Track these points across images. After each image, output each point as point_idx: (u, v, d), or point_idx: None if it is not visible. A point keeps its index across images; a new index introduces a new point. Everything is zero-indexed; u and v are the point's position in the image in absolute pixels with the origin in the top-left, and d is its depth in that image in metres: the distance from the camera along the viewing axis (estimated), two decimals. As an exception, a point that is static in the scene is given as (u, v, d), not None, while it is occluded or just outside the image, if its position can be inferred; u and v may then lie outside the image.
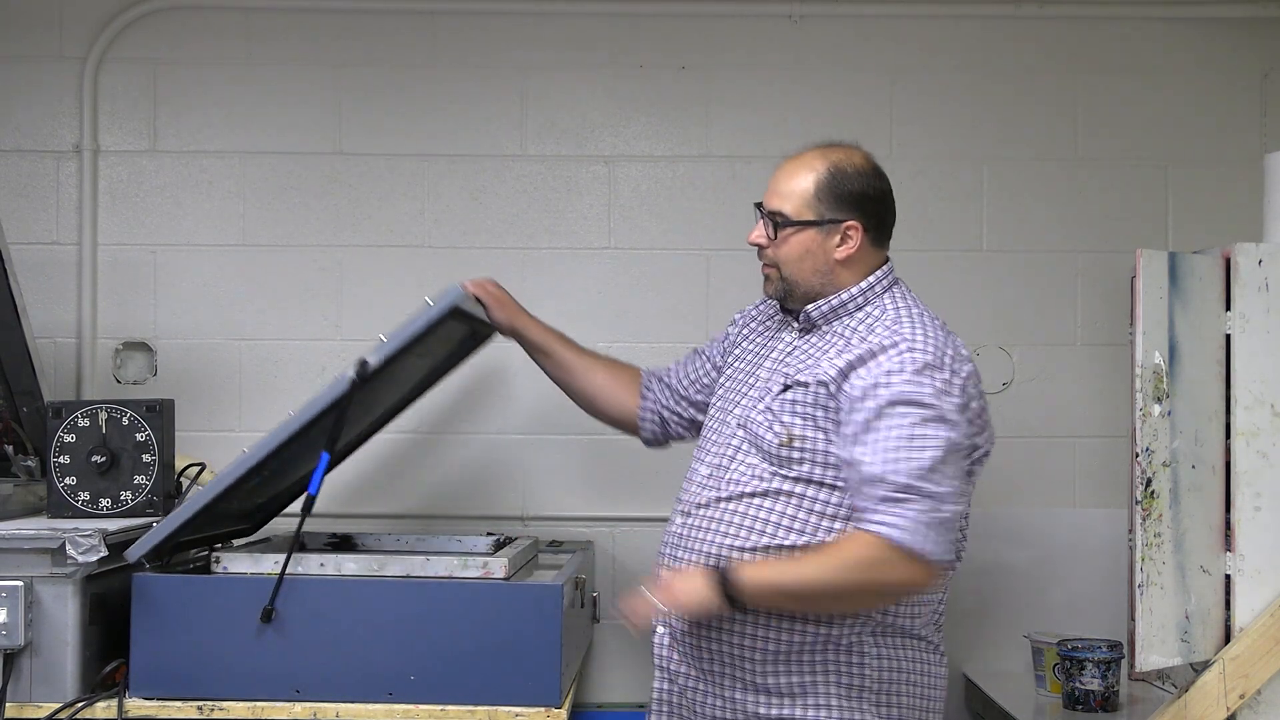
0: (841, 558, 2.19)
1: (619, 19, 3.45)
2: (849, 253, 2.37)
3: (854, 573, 2.18)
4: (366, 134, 3.44)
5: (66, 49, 3.43)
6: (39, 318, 3.25)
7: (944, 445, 2.19)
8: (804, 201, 2.36)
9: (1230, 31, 3.46)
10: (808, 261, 2.37)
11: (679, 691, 2.38)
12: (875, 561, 2.16)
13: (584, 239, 3.45)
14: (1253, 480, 2.57)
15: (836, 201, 2.36)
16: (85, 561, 2.35)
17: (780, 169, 2.43)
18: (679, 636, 2.36)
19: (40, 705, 2.37)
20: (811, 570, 2.21)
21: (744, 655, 2.29)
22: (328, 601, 2.40)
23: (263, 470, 2.48)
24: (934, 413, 2.20)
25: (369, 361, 2.38)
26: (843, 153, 2.40)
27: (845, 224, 2.36)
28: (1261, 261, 2.58)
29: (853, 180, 2.37)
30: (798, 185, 2.37)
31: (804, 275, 2.38)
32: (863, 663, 2.27)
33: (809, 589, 2.21)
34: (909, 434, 2.19)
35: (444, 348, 2.85)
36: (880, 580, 2.18)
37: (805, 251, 2.37)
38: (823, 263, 2.37)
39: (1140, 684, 3.08)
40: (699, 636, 2.33)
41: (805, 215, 2.36)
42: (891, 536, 2.15)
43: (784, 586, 2.22)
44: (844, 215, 2.36)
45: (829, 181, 2.36)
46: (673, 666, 2.39)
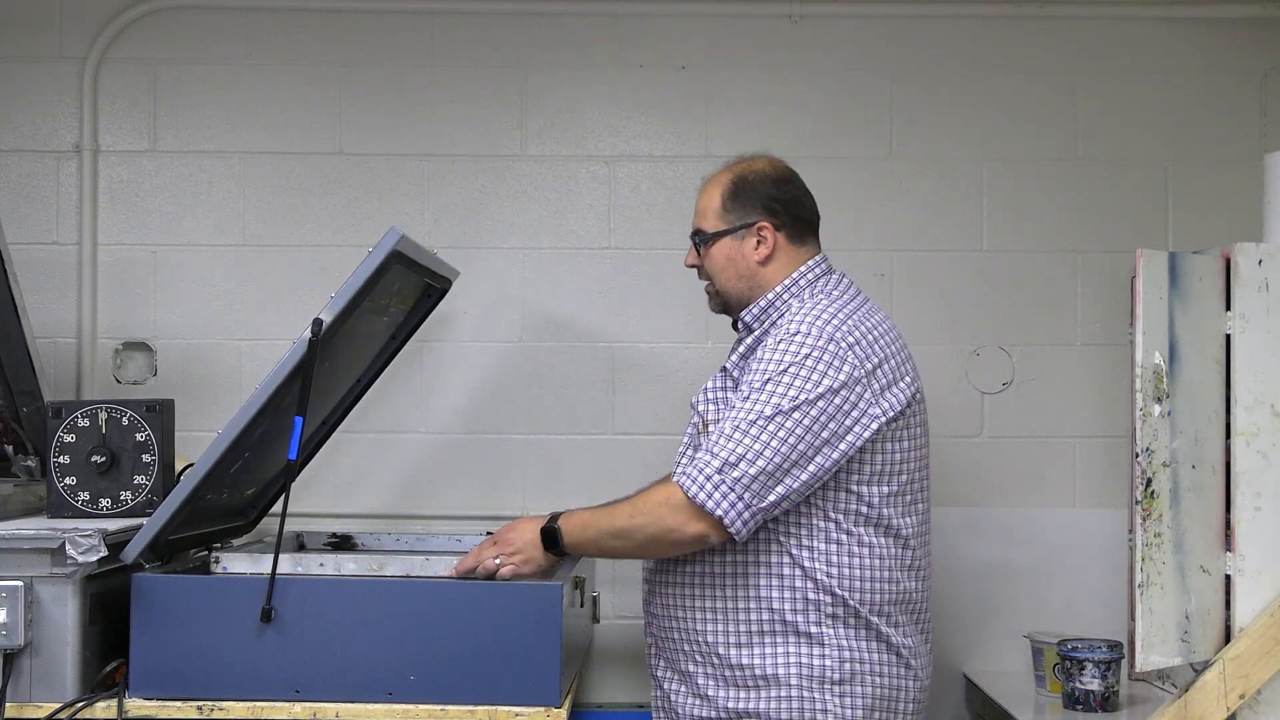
0: (641, 501, 2.35)
1: (619, 19, 3.46)
2: (767, 253, 2.50)
3: (645, 516, 2.32)
4: (366, 134, 3.44)
5: (66, 49, 3.43)
6: (39, 318, 3.25)
7: (771, 408, 2.28)
8: (715, 214, 2.53)
9: (1230, 31, 3.46)
10: (731, 268, 2.52)
11: (665, 695, 2.49)
12: (663, 506, 2.30)
13: (584, 239, 3.45)
14: (1253, 480, 2.57)
15: (743, 207, 2.51)
16: (85, 561, 2.35)
17: (698, 194, 2.59)
18: (661, 643, 2.47)
19: (40, 705, 2.37)
20: (618, 513, 2.37)
21: (712, 648, 2.38)
22: (328, 601, 2.40)
23: (242, 450, 2.47)
24: (774, 374, 2.31)
25: (323, 319, 2.39)
26: (746, 163, 2.56)
27: (756, 225, 2.50)
28: (1261, 261, 2.58)
29: (755, 185, 2.52)
30: (709, 202, 2.54)
31: (731, 282, 2.53)
32: (823, 653, 2.35)
33: (611, 529, 2.37)
34: (745, 396, 2.32)
35: (402, 304, 2.87)
36: (663, 525, 2.30)
37: (727, 259, 2.52)
38: (745, 267, 2.51)
39: (1140, 684, 3.08)
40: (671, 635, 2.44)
41: (719, 226, 2.53)
42: (682, 485, 2.29)
43: (591, 524, 2.39)
44: (753, 218, 2.51)
45: (733, 190, 2.52)
46: (659, 674, 2.50)
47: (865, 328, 2.40)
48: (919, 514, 2.47)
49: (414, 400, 3.41)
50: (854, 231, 3.39)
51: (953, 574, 3.35)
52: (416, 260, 2.65)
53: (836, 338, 2.34)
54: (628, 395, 3.41)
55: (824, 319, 2.37)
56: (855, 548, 2.37)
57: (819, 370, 2.31)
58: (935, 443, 3.34)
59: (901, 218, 3.44)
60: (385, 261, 2.45)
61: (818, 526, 2.37)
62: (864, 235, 3.41)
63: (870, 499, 2.38)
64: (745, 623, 2.37)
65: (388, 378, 3.13)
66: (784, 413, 2.28)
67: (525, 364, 3.42)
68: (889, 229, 3.44)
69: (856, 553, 2.37)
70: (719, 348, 3.42)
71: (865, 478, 2.38)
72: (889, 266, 3.42)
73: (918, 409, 2.46)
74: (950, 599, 3.35)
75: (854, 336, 2.36)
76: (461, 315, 3.40)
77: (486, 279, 3.41)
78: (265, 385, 2.39)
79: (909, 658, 2.43)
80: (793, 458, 2.28)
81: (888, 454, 2.39)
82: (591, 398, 3.41)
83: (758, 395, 2.31)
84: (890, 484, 2.40)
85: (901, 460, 2.41)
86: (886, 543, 2.39)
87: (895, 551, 2.41)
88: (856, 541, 2.37)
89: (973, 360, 3.42)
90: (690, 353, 3.41)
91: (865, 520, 2.38)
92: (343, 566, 2.51)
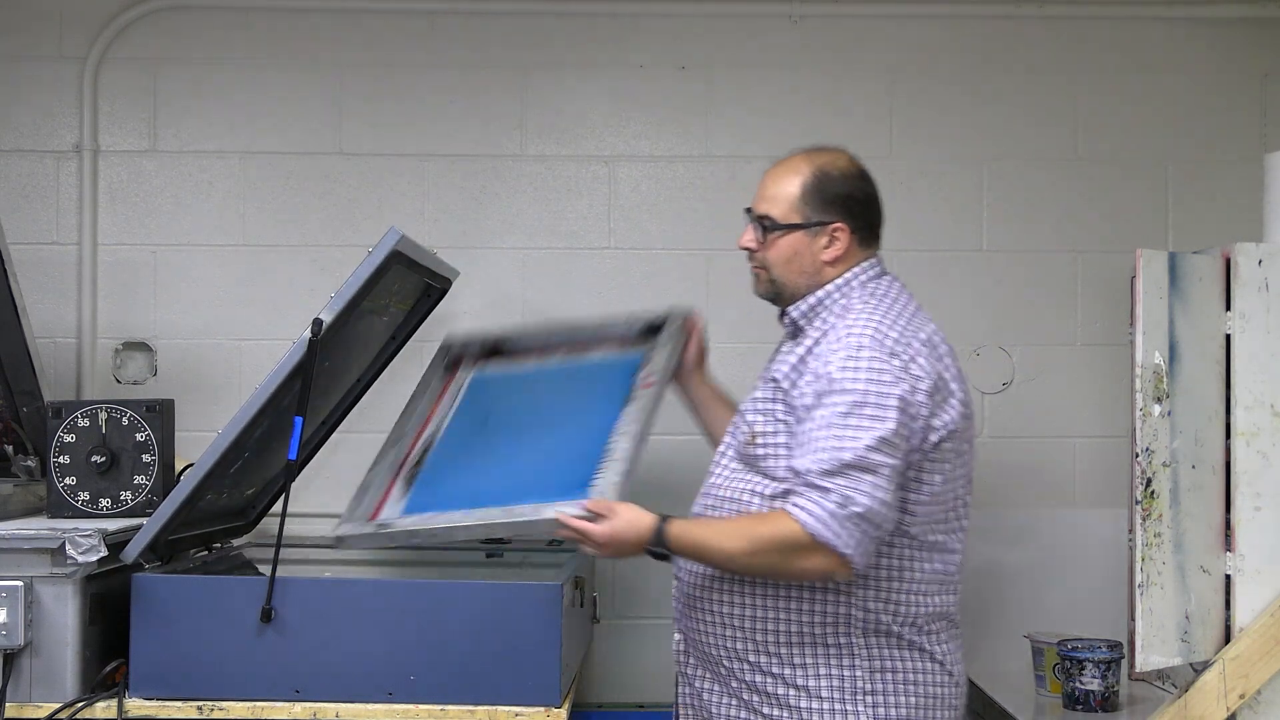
0: (759, 533, 2.23)
1: (619, 19, 3.46)
2: (836, 254, 2.40)
3: (765, 554, 2.22)
4: (366, 134, 3.44)
5: (66, 49, 3.43)
6: (39, 318, 3.25)
7: (871, 437, 2.18)
8: (790, 205, 2.40)
9: (1230, 31, 3.46)
10: (795, 263, 2.41)
11: (694, 694, 2.41)
12: (786, 545, 2.19)
13: (584, 239, 3.45)
14: (1253, 480, 2.57)
15: (822, 204, 2.39)
16: (85, 561, 2.35)
17: (768, 173, 2.46)
18: (692, 639, 2.40)
19: (40, 705, 2.37)
20: (731, 541, 2.25)
21: (746, 648, 2.32)
22: (328, 601, 2.40)
23: (242, 450, 2.47)
24: (861, 400, 2.21)
25: (323, 319, 2.39)
26: (828, 156, 2.44)
27: (831, 226, 2.39)
28: (1261, 261, 2.58)
29: (838, 183, 2.40)
30: (784, 189, 2.41)
31: (792, 277, 2.42)
32: (854, 663, 2.29)
33: (724, 558, 2.27)
34: (835, 423, 2.21)
35: (402, 304, 2.87)
36: (787, 565, 2.21)
37: (793, 254, 2.41)
38: (810, 264, 2.41)
39: (1140, 684, 3.08)
40: (706, 634, 2.36)
41: (792, 219, 2.40)
42: (805, 524, 2.17)
43: (703, 548, 2.28)
44: (830, 218, 2.39)
45: (814, 185, 2.40)
46: (689, 670, 2.42)
47: (921, 338, 2.31)
48: (964, 529, 2.39)
49: (414, 400, 3.41)
50: (854, 231, 3.39)
51: (953, 574, 3.35)
52: (416, 260, 2.65)
53: (897, 351, 2.25)
54: (628, 395, 3.41)
55: (884, 329, 2.28)
56: (896, 563, 2.29)
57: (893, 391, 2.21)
58: (935, 443, 3.35)
59: (901, 218, 3.42)
60: (385, 261, 2.45)
61: None
62: (864, 235, 3.41)
63: (918, 517, 2.29)
64: (777, 634, 2.30)
65: (388, 378, 3.12)
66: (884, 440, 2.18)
67: (525, 364, 3.41)
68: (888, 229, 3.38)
69: (898, 568, 2.29)
70: (719, 348, 3.40)
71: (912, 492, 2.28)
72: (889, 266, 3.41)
73: (968, 424, 2.37)
74: (950, 599, 3.35)
75: (913, 348, 2.28)
76: (461, 315, 3.40)
77: (486, 279, 3.41)
78: (265, 385, 2.40)
79: (949, 665, 2.35)
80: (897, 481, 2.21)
81: (942, 471, 2.30)
82: (591, 398, 3.41)
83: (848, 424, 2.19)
84: (939, 503, 2.31)
85: (951, 476, 2.32)
86: (931, 559, 2.32)
87: (939, 568, 2.33)
88: (898, 557, 2.29)
89: (973, 360, 3.42)
90: (690, 353, 3.41)
91: (910, 538, 2.30)
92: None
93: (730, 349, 3.37)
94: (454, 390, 2.91)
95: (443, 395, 2.91)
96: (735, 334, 3.38)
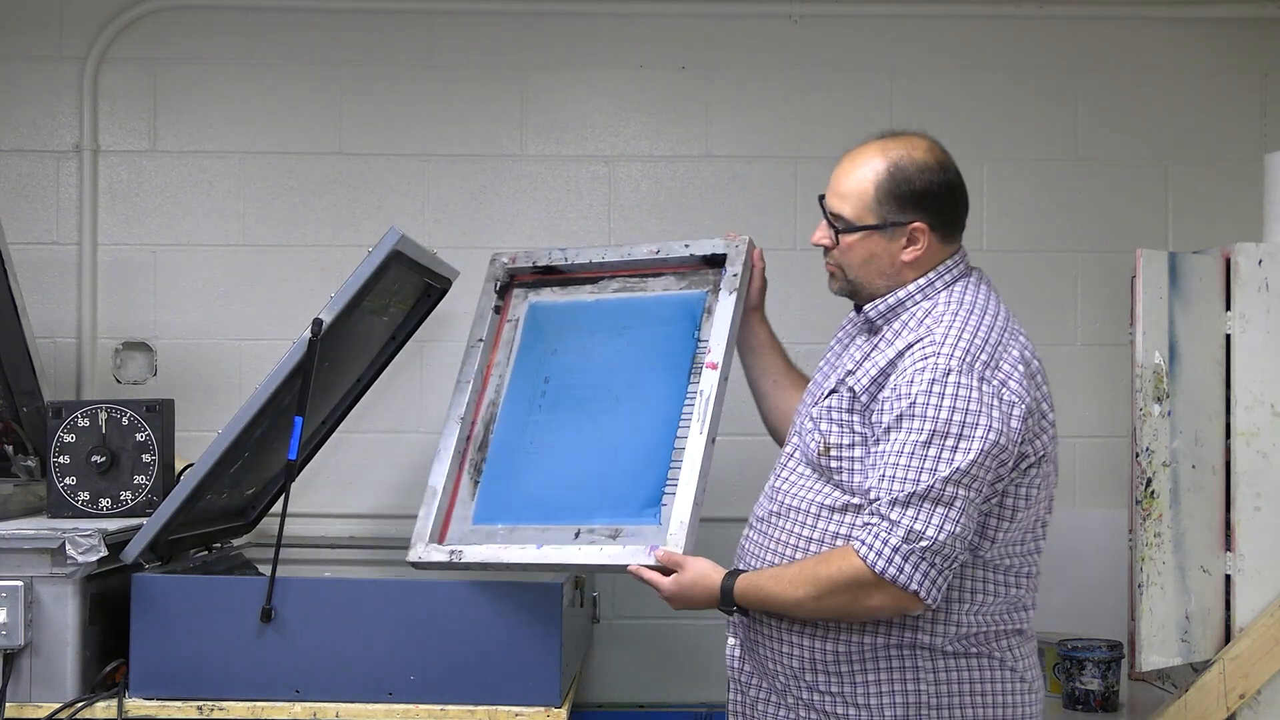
0: (824, 575, 2.11)
1: (619, 19, 3.45)
2: (916, 254, 2.21)
3: (832, 596, 2.10)
4: (366, 134, 3.44)
5: (66, 49, 3.43)
6: (39, 318, 3.25)
7: (949, 468, 2.04)
8: (864, 205, 2.21)
9: (1230, 31, 3.46)
10: (873, 265, 2.23)
11: (749, 703, 2.31)
12: (851, 584, 2.08)
13: (584, 239, 3.44)
14: (1253, 480, 2.57)
15: (899, 203, 2.19)
16: (85, 561, 2.35)
17: (840, 165, 2.27)
18: (748, 647, 2.30)
19: (40, 705, 2.37)
20: (797, 589, 2.14)
21: (803, 667, 2.21)
22: (328, 601, 2.40)
23: (242, 450, 2.47)
24: (944, 429, 2.06)
25: (323, 319, 2.39)
26: (904, 147, 2.22)
27: (910, 226, 2.20)
28: (1261, 261, 2.58)
29: (914, 178, 2.20)
30: (857, 186, 2.22)
31: (870, 278, 2.25)
32: (917, 678, 2.16)
33: (793, 605, 2.15)
34: (912, 451, 2.06)
35: (402, 304, 2.87)
36: (857, 605, 2.10)
37: (870, 256, 2.23)
38: (889, 265, 2.23)
39: (1140, 684, 3.08)
40: (763, 647, 2.27)
41: (867, 219, 2.21)
42: (868, 560, 2.06)
43: (770, 599, 2.18)
44: (908, 217, 2.20)
45: (890, 181, 2.20)
46: (743, 678, 2.32)
47: (1014, 355, 2.14)
48: (1040, 552, 2.24)
49: (414, 400, 3.41)
50: (854, 231, 3.39)
51: (953, 574, 3.35)
52: (416, 260, 2.64)
53: (987, 376, 2.09)
54: (628, 395, 3.41)
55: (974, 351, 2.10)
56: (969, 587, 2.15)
57: (981, 418, 2.06)
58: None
59: (901, 218, 3.44)
60: (385, 261, 2.45)
61: None
62: (864, 235, 3.41)
63: (995, 541, 2.15)
64: (835, 653, 2.18)
65: (388, 378, 3.12)
66: (962, 472, 2.04)
67: (525, 364, 3.41)
68: (889, 229, 3.43)
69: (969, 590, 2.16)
70: (719, 348, 3.42)
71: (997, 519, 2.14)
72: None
73: (1055, 447, 2.20)
74: (950, 599, 3.35)
75: (1005, 370, 2.11)
76: (461, 315, 3.39)
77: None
78: (265, 385, 2.40)
79: (1022, 671, 2.21)
80: (973, 514, 2.07)
81: (1020, 496, 2.15)
82: (591, 398, 3.41)
83: (926, 453, 2.05)
84: (1021, 526, 2.17)
85: (1033, 500, 2.17)
86: (1004, 580, 2.18)
87: (1013, 593, 2.19)
88: (970, 582, 2.15)
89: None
90: (690, 353, 3.40)
91: (984, 564, 2.16)
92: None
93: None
94: (510, 330, 2.76)
95: (499, 337, 2.75)
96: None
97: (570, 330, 2.69)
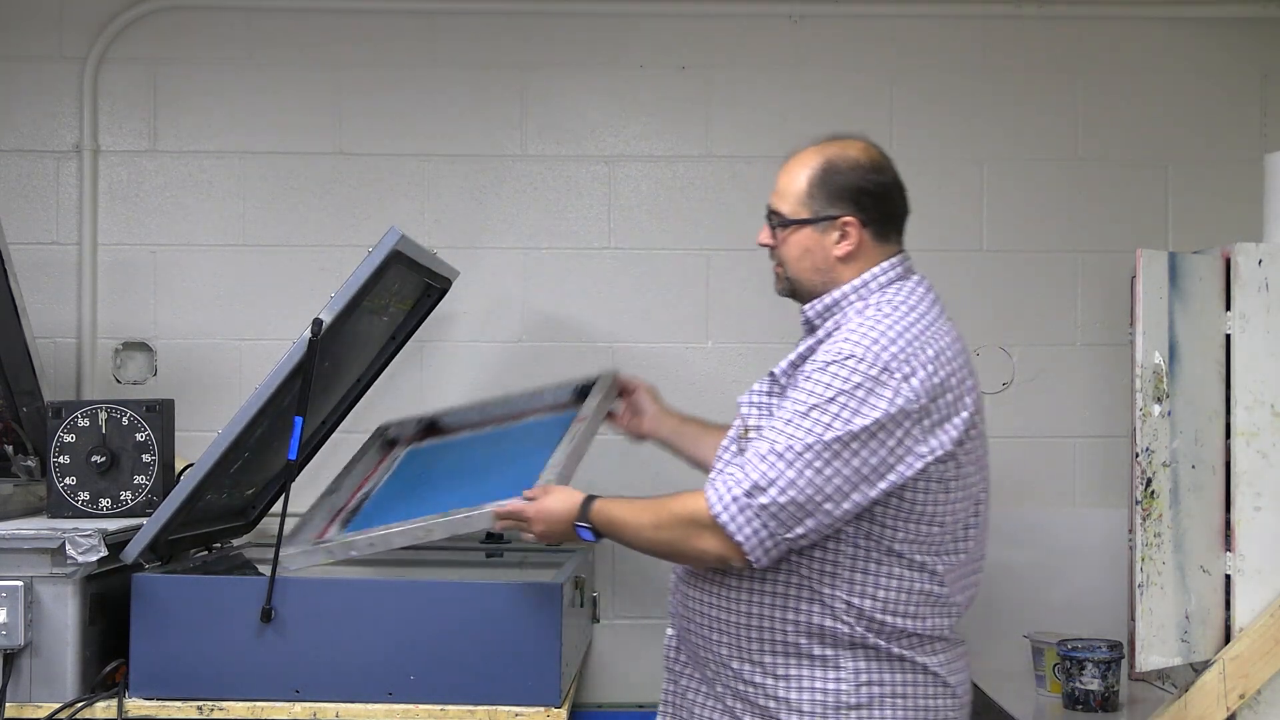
0: (666, 509, 2.23)
1: (619, 19, 3.46)
2: (848, 249, 2.29)
3: (669, 528, 2.21)
4: (366, 134, 3.44)
5: (66, 49, 3.43)
6: (39, 318, 3.25)
7: (813, 438, 2.11)
8: (798, 199, 2.31)
9: (1230, 31, 3.46)
10: (807, 260, 2.32)
11: (679, 692, 2.37)
12: (688, 520, 2.18)
13: (584, 239, 3.45)
14: (1253, 480, 2.57)
15: (829, 196, 2.29)
16: (85, 561, 2.35)
17: (782, 167, 2.38)
18: (684, 637, 2.36)
19: (40, 705, 2.38)
20: (643, 515, 2.26)
21: (732, 655, 2.27)
22: (328, 601, 2.40)
23: (242, 450, 2.47)
24: (826, 402, 2.13)
25: (323, 319, 2.39)
26: (839, 146, 2.33)
27: (841, 219, 2.28)
28: (1261, 261, 2.58)
29: (846, 173, 2.29)
30: (793, 183, 2.33)
31: (805, 274, 2.33)
32: (839, 677, 2.20)
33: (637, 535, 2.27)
34: (786, 418, 2.15)
35: (402, 304, 2.87)
36: (686, 541, 2.20)
37: (804, 250, 2.32)
38: (822, 260, 2.31)
39: (1140, 684, 3.08)
40: (696, 635, 2.32)
41: (800, 214, 2.31)
42: (709, 501, 2.15)
43: (618, 523, 2.29)
44: (838, 210, 2.29)
45: (821, 176, 2.30)
46: (677, 667, 2.38)
47: (927, 355, 2.18)
48: (962, 553, 2.25)
49: (414, 400, 3.40)
50: (854, 231, 3.40)
51: (953, 574, 3.35)
52: (416, 260, 2.65)
53: (891, 367, 2.14)
54: (628, 395, 3.41)
55: (882, 343, 2.16)
56: (882, 580, 2.20)
57: (868, 403, 2.12)
58: (935, 443, 3.34)
59: (901, 218, 3.44)
60: (385, 261, 2.46)
61: (844, 554, 2.19)
62: (864, 235, 3.41)
63: (905, 536, 2.19)
64: (761, 642, 2.23)
65: (388, 378, 3.13)
66: (825, 445, 2.11)
67: (525, 364, 3.42)
68: (889, 229, 3.43)
69: (884, 585, 2.20)
70: (719, 348, 3.42)
71: (902, 515, 2.18)
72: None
73: (974, 445, 2.23)
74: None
75: (911, 365, 2.15)
76: (461, 315, 3.40)
77: (486, 279, 3.41)
78: (265, 385, 2.40)
79: (945, 675, 2.25)
80: (827, 491, 2.11)
81: (931, 493, 2.18)
82: (591, 398, 3.41)
83: (800, 422, 2.13)
84: (930, 524, 2.20)
85: (946, 502, 2.20)
86: (919, 577, 2.21)
87: (926, 588, 2.22)
88: (885, 574, 2.20)
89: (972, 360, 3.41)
90: (691, 353, 3.41)
91: (896, 556, 2.20)
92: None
93: (730, 349, 3.38)
94: (389, 463, 2.98)
95: (377, 467, 2.97)
96: (735, 334, 3.39)
97: (449, 453, 2.92)
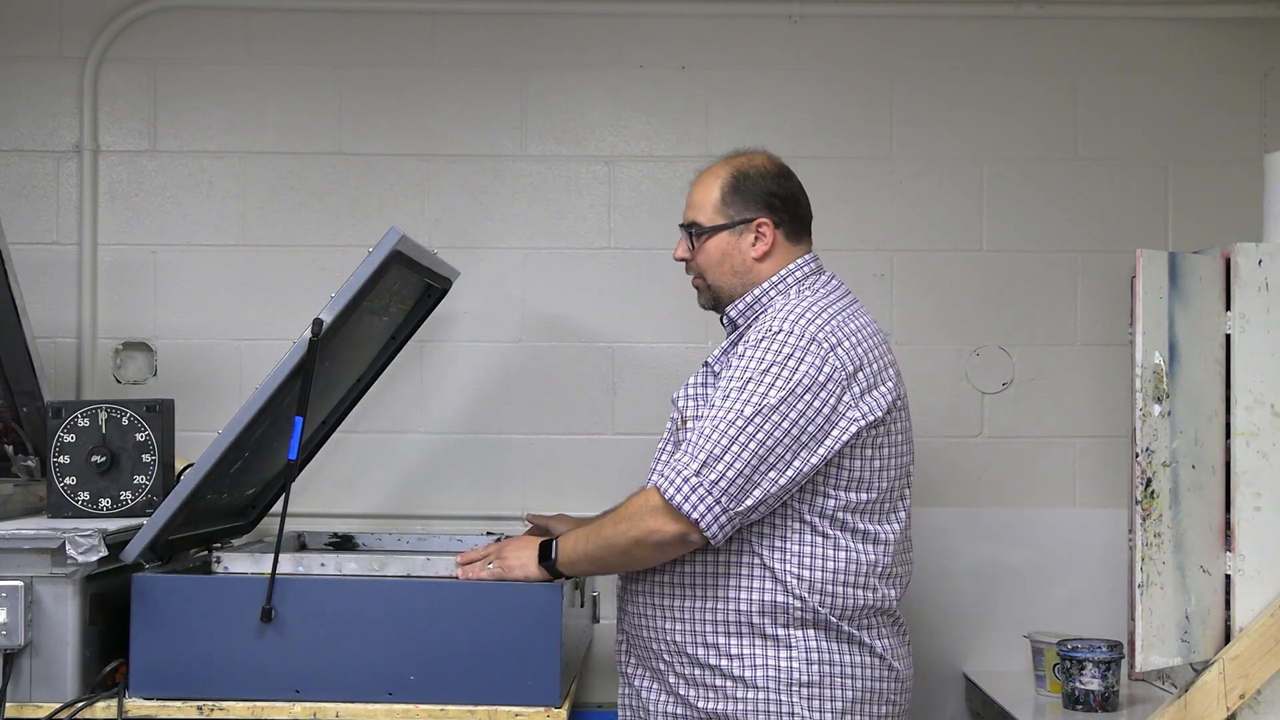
0: (623, 509, 2.34)
1: (619, 19, 3.46)
2: (765, 250, 2.47)
3: (627, 522, 2.31)
4: (366, 134, 3.44)
5: (66, 49, 3.43)
6: (39, 318, 3.25)
7: (751, 408, 2.25)
8: (714, 208, 2.49)
9: (1230, 31, 3.46)
10: (726, 264, 2.48)
11: (634, 693, 2.47)
12: (642, 510, 2.29)
13: (584, 239, 3.45)
14: (1253, 480, 2.57)
15: (743, 201, 2.47)
16: (85, 561, 2.35)
17: (692, 184, 2.55)
18: (632, 638, 2.46)
19: (40, 705, 2.37)
20: (604, 523, 2.37)
21: (685, 640, 2.36)
22: (328, 601, 2.40)
23: (242, 450, 2.47)
24: (755, 376, 2.28)
25: (323, 319, 2.39)
26: (745, 157, 2.53)
27: (756, 221, 2.46)
28: (1261, 261, 2.58)
29: (756, 179, 2.48)
30: (707, 195, 2.50)
31: (725, 278, 2.49)
32: (791, 655, 2.32)
33: (599, 539, 2.35)
34: (726, 392, 2.29)
35: (402, 304, 2.87)
36: (644, 528, 2.28)
37: (723, 254, 2.48)
38: (740, 263, 2.48)
39: (1140, 684, 3.08)
40: (646, 629, 2.41)
41: (717, 220, 2.48)
42: (660, 485, 2.27)
43: (587, 555, 2.37)
44: (753, 213, 2.47)
45: (733, 184, 2.48)
46: (629, 670, 2.48)
47: (849, 329, 2.36)
48: (899, 522, 2.42)
49: (414, 400, 3.41)
50: (854, 231, 3.40)
51: (952, 574, 3.36)
52: (416, 260, 2.65)
53: (819, 338, 2.31)
54: (628, 395, 3.41)
55: (807, 318, 2.33)
56: (829, 552, 2.33)
57: (800, 371, 2.27)
58: (935, 443, 3.36)
59: (901, 218, 3.44)
60: (385, 261, 2.45)
61: (791, 529, 2.33)
62: (864, 235, 3.41)
63: (846, 504, 2.34)
64: (714, 624, 2.34)
65: (388, 378, 3.13)
66: (763, 413, 2.25)
67: (525, 364, 3.42)
68: (889, 229, 3.44)
69: (831, 557, 2.33)
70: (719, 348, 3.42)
71: (842, 483, 2.34)
72: (889, 266, 3.43)
73: (899, 415, 2.41)
74: (950, 599, 3.35)
75: (836, 337, 2.32)
76: (461, 315, 3.40)
77: (486, 279, 3.41)
78: (265, 385, 2.40)
79: (890, 659, 2.40)
80: (770, 460, 2.25)
81: (866, 459, 2.35)
82: (591, 398, 3.41)
83: (737, 395, 2.27)
84: (868, 491, 2.36)
85: (881, 468, 2.37)
86: (863, 548, 2.35)
87: (870, 558, 2.36)
88: (832, 545, 2.34)
89: (973, 360, 3.42)
90: (690, 352, 3.41)
91: (840, 525, 2.34)
92: (343, 566, 2.51)
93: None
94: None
95: None
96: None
97: None
